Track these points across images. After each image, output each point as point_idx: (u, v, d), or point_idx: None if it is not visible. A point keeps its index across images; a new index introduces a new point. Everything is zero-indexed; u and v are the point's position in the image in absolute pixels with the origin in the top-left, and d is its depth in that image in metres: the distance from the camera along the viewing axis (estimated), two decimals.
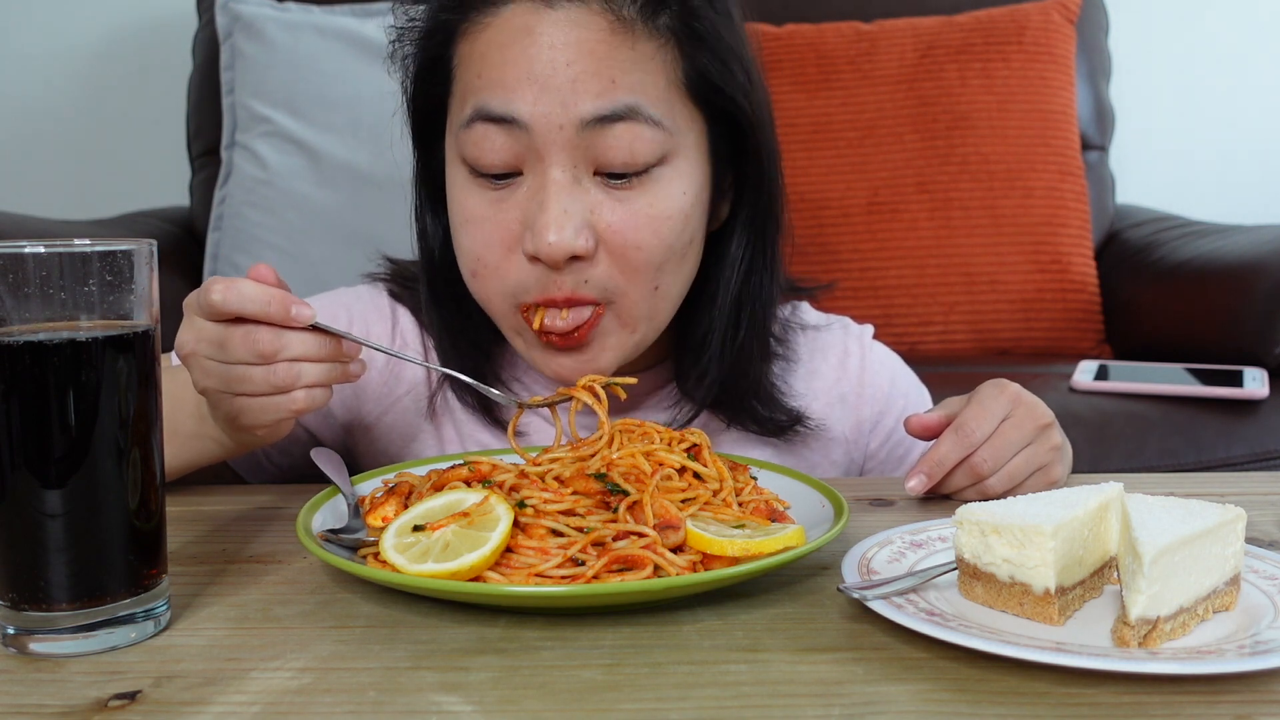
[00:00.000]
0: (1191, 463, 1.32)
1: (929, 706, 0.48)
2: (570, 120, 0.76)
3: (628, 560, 0.59)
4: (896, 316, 1.74)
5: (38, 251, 0.53)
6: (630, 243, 0.78)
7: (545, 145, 0.76)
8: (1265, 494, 0.83)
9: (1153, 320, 1.68)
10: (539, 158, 0.77)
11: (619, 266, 0.79)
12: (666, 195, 0.79)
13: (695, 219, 0.82)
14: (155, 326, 0.57)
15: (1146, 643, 0.53)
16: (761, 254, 0.87)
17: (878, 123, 1.82)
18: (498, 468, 0.68)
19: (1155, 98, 2.17)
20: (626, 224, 0.78)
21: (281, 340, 0.67)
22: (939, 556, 0.64)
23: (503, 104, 0.76)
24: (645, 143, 0.77)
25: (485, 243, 0.80)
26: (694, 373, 0.88)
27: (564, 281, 0.78)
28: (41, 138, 2.17)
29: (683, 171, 0.80)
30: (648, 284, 0.81)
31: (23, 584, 0.54)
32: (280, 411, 0.69)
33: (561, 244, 0.76)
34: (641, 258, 0.79)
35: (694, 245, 0.84)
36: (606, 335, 0.82)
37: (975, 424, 0.80)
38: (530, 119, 0.76)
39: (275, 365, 0.67)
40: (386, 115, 0.93)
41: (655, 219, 0.79)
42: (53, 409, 0.53)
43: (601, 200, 0.78)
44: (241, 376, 0.68)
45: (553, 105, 0.75)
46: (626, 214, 0.78)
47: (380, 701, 0.49)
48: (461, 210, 0.81)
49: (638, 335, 0.83)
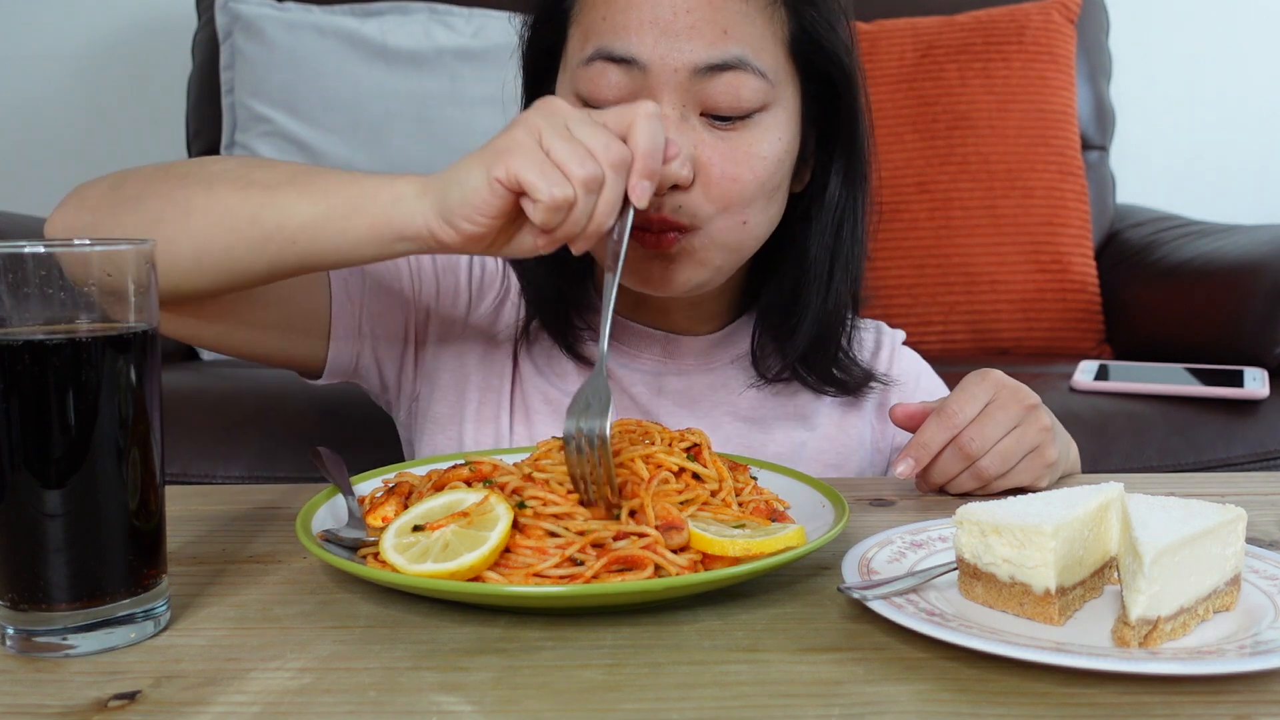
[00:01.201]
0: (1191, 463, 1.32)
1: (929, 706, 0.48)
2: (684, 64, 0.81)
3: (628, 560, 0.59)
4: (897, 316, 1.74)
5: (38, 251, 0.53)
6: (728, 174, 0.83)
7: (659, 85, 0.82)
8: (1265, 494, 0.83)
9: (1153, 320, 1.68)
10: (653, 96, 0.82)
11: (713, 197, 0.84)
12: (764, 138, 0.84)
13: (785, 166, 0.87)
14: (155, 326, 0.57)
15: (1147, 643, 0.53)
16: (852, 212, 0.92)
17: (878, 123, 1.79)
18: (498, 468, 0.68)
19: (1155, 98, 2.17)
20: (726, 158, 0.83)
21: (625, 157, 0.69)
22: (939, 556, 0.64)
23: (624, 45, 0.82)
24: (750, 91, 0.82)
25: None
26: (785, 327, 0.94)
27: (661, 202, 0.82)
28: (41, 138, 2.17)
29: (780, 120, 0.86)
30: (738, 216, 0.85)
31: (23, 584, 0.54)
32: (538, 245, 0.71)
33: (669, 172, 0.79)
34: (736, 190, 0.84)
35: (780, 191, 0.89)
36: (695, 251, 0.85)
37: (959, 406, 0.82)
38: (649, 60, 0.81)
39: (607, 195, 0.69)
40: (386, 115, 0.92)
41: (752, 156, 0.84)
42: (53, 409, 0.53)
43: (704, 138, 0.83)
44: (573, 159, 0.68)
45: (670, 49, 0.81)
46: (727, 150, 0.83)
47: (380, 701, 0.49)
48: None
49: (721, 259, 0.87)
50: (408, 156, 1.69)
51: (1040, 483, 0.83)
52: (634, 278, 0.87)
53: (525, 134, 0.70)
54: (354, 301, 0.93)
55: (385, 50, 1.74)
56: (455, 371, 0.96)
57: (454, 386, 0.96)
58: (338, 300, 0.92)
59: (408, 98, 1.71)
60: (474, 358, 0.97)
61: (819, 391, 0.98)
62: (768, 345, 0.96)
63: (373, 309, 0.94)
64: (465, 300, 0.98)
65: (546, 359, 0.97)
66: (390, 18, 1.78)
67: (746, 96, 0.83)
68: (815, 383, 0.97)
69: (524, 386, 0.96)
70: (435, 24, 1.78)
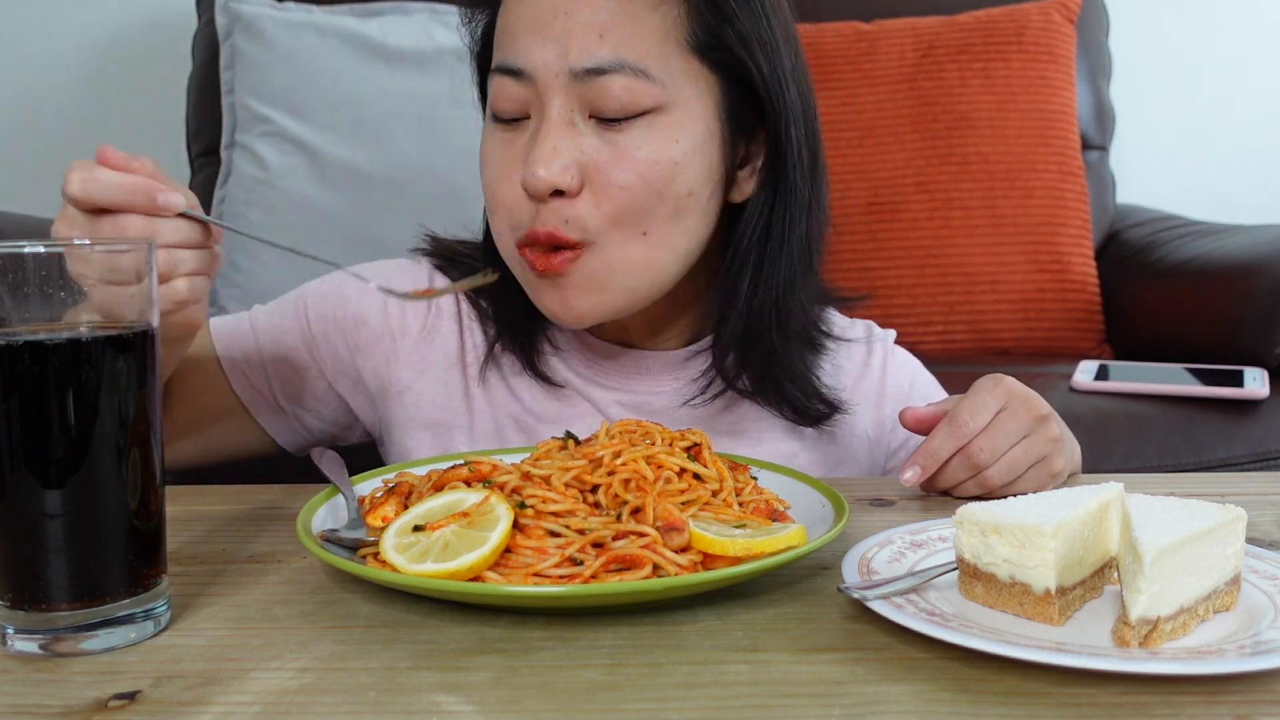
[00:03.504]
0: (1191, 463, 1.32)
1: (929, 706, 0.48)
2: (564, 69, 0.80)
3: (627, 560, 0.59)
4: (897, 316, 1.74)
5: (38, 251, 0.53)
6: (614, 181, 0.80)
7: (545, 90, 0.81)
8: (1265, 494, 0.83)
9: (1153, 320, 1.68)
10: (540, 102, 0.81)
11: (602, 207, 0.80)
12: (657, 141, 0.81)
13: (696, 171, 0.83)
14: (155, 326, 0.57)
15: (1147, 643, 0.53)
16: (781, 228, 0.86)
17: (878, 123, 1.82)
18: (498, 468, 0.68)
19: (1155, 98, 2.17)
20: (613, 164, 0.80)
21: (153, 228, 0.65)
22: (939, 556, 0.64)
23: (513, 57, 0.82)
24: (633, 94, 0.80)
25: (496, 179, 0.84)
26: (723, 338, 0.89)
27: (547, 217, 0.81)
28: (42, 138, 2.17)
29: (679, 122, 0.82)
30: (633, 228, 0.82)
31: (22, 584, 0.54)
32: (165, 303, 0.68)
33: (547, 177, 0.79)
34: (627, 198, 0.80)
35: (694, 200, 0.83)
36: (591, 275, 0.82)
37: (970, 415, 0.80)
38: (532, 68, 0.81)
39: None
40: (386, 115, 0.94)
41: (641, 161, 0.80)
42: (53, 409, 0.53)
43: (594, 142, 0.81)
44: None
45: (549, 55, 0.80)
46: (613, 153, 0.80)
47: (380, 701, 0.49)
48: (483, 153, 0.87)
49: (626, 282, 0.83)
50: (408, 156, 1.69)
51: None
52: (547, 312, 0.85)
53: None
54: (254, 383, 0.94)
55: (385, 50, 1.74)
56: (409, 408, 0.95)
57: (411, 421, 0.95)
58: (237, 385, 0.94)
59: (408, 98, 1.71)
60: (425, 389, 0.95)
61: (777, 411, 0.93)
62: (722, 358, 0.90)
63: (282, 381, 0.95)
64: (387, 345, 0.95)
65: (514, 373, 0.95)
66: (390, 18, 1.78)
67: (629, 101, 0.80)
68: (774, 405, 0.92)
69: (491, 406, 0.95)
70: (435, 24, 1.78)
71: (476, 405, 0.95)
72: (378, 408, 0.97)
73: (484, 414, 0.94)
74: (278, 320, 0.96)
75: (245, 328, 0.95)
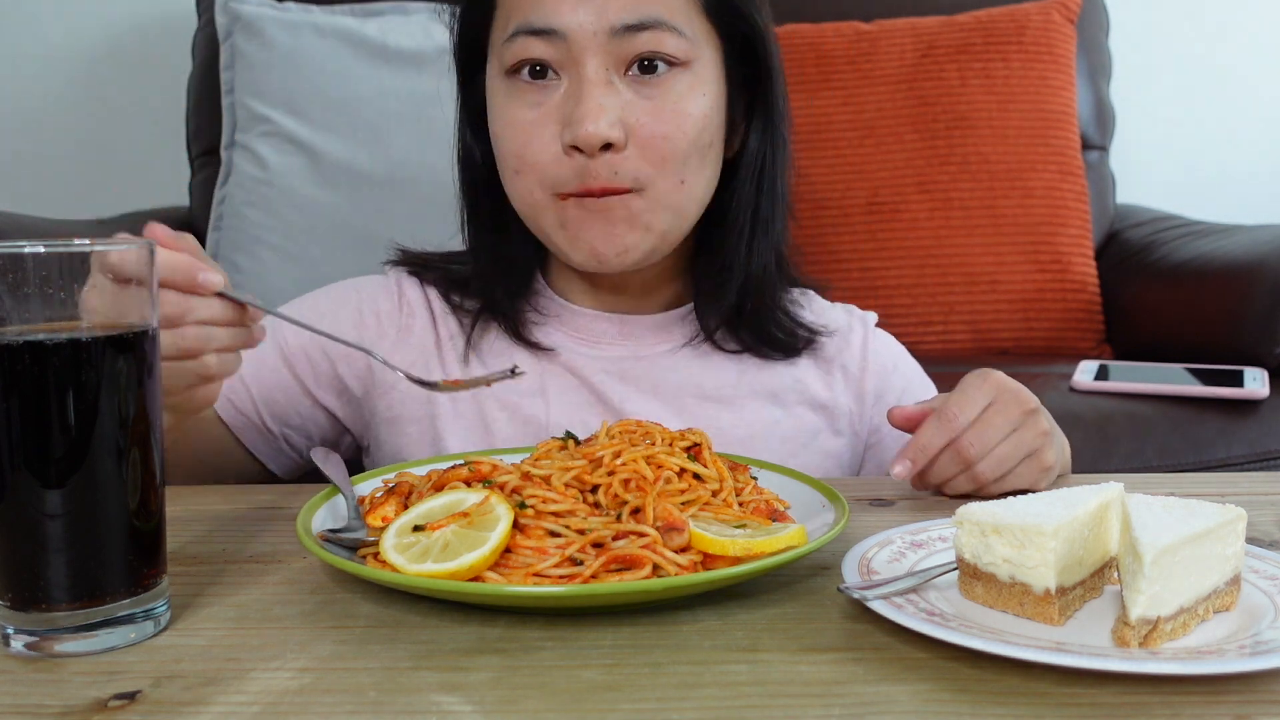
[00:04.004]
0: (1191, 463, 1.32)
1: (929, 706, 0.48)
2: (603, 27, 0.85)
3: (626, 560, 0.59)
4: (896, 316, 1.74)
5: (38, 251, 0.53)
6: (658, 133, 0.86)
7: (581, 51, 0.85)
8: (1265, 494, 0.83)
9: (1153, 320, 1.68)
10: (575, 62, 0.85)
11: (648, 157, 0.87)
12: (689, 95, 0.88)
13: (714, 124, 0.90)
14: (155, 326, 0.57)
15: (1147, 643, 0.53)
16: (772, 169, 0.95)
17: (878, 123, 1.82)
18: (498, 468, 0.68)
19: (1155, 98, 2.17)
20: (654, 117, 0.86)
21: (187, 304, 0.66)
22: (939, 556, 0.64)
23: (542, 17, 0.85)
24: (670, 47, 0.86)
25: (526, 141, 0.87)
26: (716, 291, 0.95)
27: (599, 170, 0.86)
28: (41, 138, 2.17)
29: (702, 78, 0.89)
30: (675, 175, 0.88)
31: (22, 584, 0.54)
32: (191, 377, 0.69)
33: (598, 132, 0.84)
34: (668, 148, 0.87)
35: (713, 151, 0.91)
36: (638, 214, 0.88)
37: (958, 409, 0.81)
38: (567, 27, 0.85)
39: (183, 330, 0.67)
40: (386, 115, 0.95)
41: (679, 114, 0.87)
42: (53, 409, 0.53)
43: (631, 99, 0.86)
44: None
45: (587, 15, 0.85)
46: (654, 108, 0.87)
47: (380, 701, 0.49)
48: (504, 117, 0.89)
49: (665, 223, 0.90)
50: (407, 156, 1.69)
51: (1038, 486, 0.82)
52: (584, 254, 0.89)
53: None
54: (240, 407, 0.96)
55: (385, 50, 1.74)
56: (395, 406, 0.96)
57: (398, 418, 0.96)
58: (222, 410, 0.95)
59: (408, 98, 1.71)
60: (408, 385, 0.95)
61: (761, 356, 0.98)
62: (707, 312, 0.97)
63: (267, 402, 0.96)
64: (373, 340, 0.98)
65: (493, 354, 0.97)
66: (390, 18, 1.78)
67: (667, 53, 0.86)
68: (755, 345, 0.98)
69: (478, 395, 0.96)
70: (435, 24, 1.77)
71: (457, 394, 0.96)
72: (364, 409, 0.98)
73: (465, 397, 0.96)
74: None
75: None
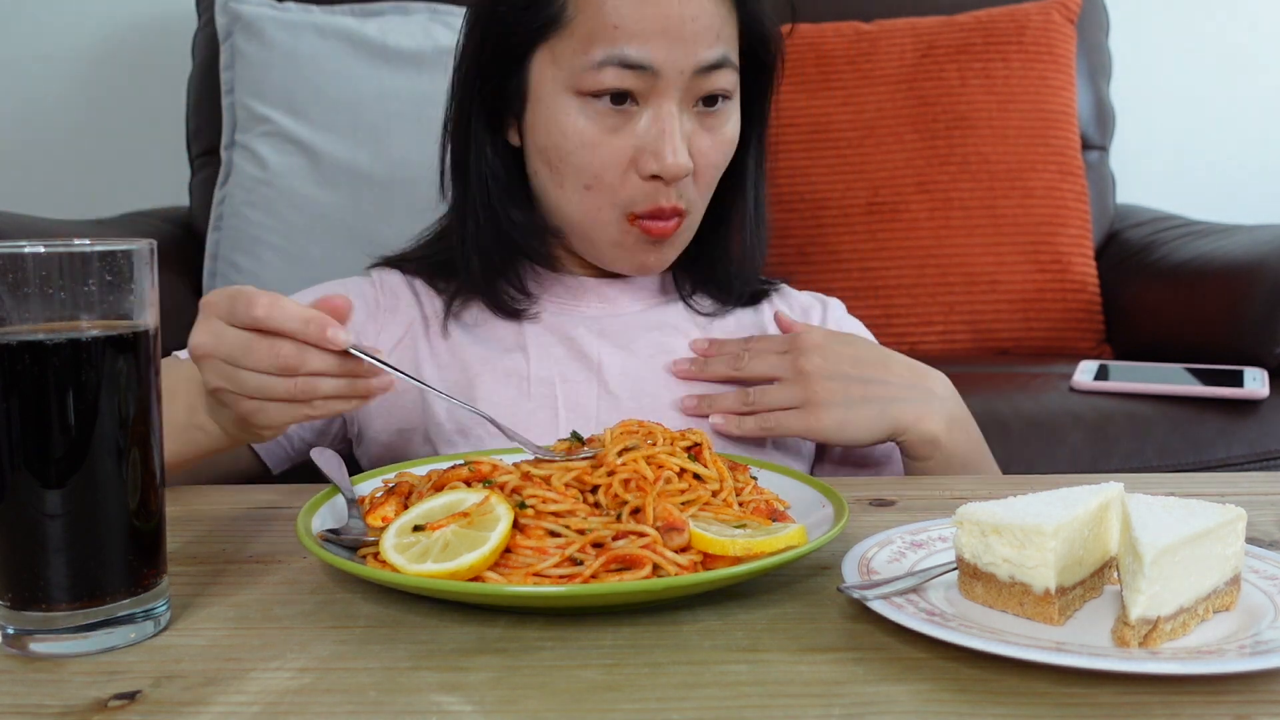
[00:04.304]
0: (1191, 463, 1.32)
1: (929, 706, 0.48)
2: (690, 66, 0.91)
3: (626, 560, 0.59)
4: (896, 316, 1.74)
5: (38, 251, 0.53)
6: (713, 163, 0.96)
7: (667, 85, 0.91)
8: (1265, 494, 0.83)
9: (1153, 320, 1.68)
10: (660, 95, 0.91)
11: (699, 183, 0.95)
12: (732, 120, 0.97)
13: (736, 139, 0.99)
14: (155, 326, 0.57)
15: (1147, 643, 0.53)
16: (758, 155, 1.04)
17: (878, 123, 1.81)
18: (498, 468, 0.68)
19: (1155, 98, 2.16)
20: (713, 149, 0.95)
21: (304, 355, 0.68)
22: (939, 556, 0.64)
23: (639, 53, 0.90)
24: (729, 83, 0.94)
25: (604, 163, 0.92)
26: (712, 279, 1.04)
27: (672, 194, 0.93)
28: (41, 138, 2.17)
29: (737, 104, 0.98)
30: (708, 196, 0.98)
31: (22, 584, 0.54)
32: (295, 417, 0.71)
33: (683, 165, 0.91)
34: (714, 174, 0.97)
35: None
36: (676, 236, 0.97)
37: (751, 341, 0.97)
38: (661, 65, 0.90)
39: (296, 380, 0.69)
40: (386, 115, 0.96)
41: (726, 144, 0.96)
42: (53, 409, 0.53)
43: (694, 130, 0.94)
44: (261, 385, 0.69)
45: (680, 55, 0.90)
46: (712, 141, 0.95)
47: (380, 701, 0.49)
48: (577, 134, 0.93)
49: (688, 239, 1.00)
50: (408, 156, 1.69)
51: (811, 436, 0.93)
52: (630, 264, 0.98)
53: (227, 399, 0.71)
54: None
55: (385, 50, 1.74)
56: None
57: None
58: None
59: (408, 98, 1.71)
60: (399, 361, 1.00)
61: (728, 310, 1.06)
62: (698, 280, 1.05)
63: None
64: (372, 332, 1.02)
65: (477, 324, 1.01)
66: (390, 18, 1.78)
67: (728, 88, 0.94)
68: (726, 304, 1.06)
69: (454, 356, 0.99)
70: (435, 24, 1.77)
71: (441, 360, 0.99)
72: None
73: (449, 366, 0.99)
74: None
75: None
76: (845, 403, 0.91)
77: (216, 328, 0.70)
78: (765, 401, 0.93)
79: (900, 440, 0.92)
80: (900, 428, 0.91)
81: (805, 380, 0.92)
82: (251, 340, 0.68)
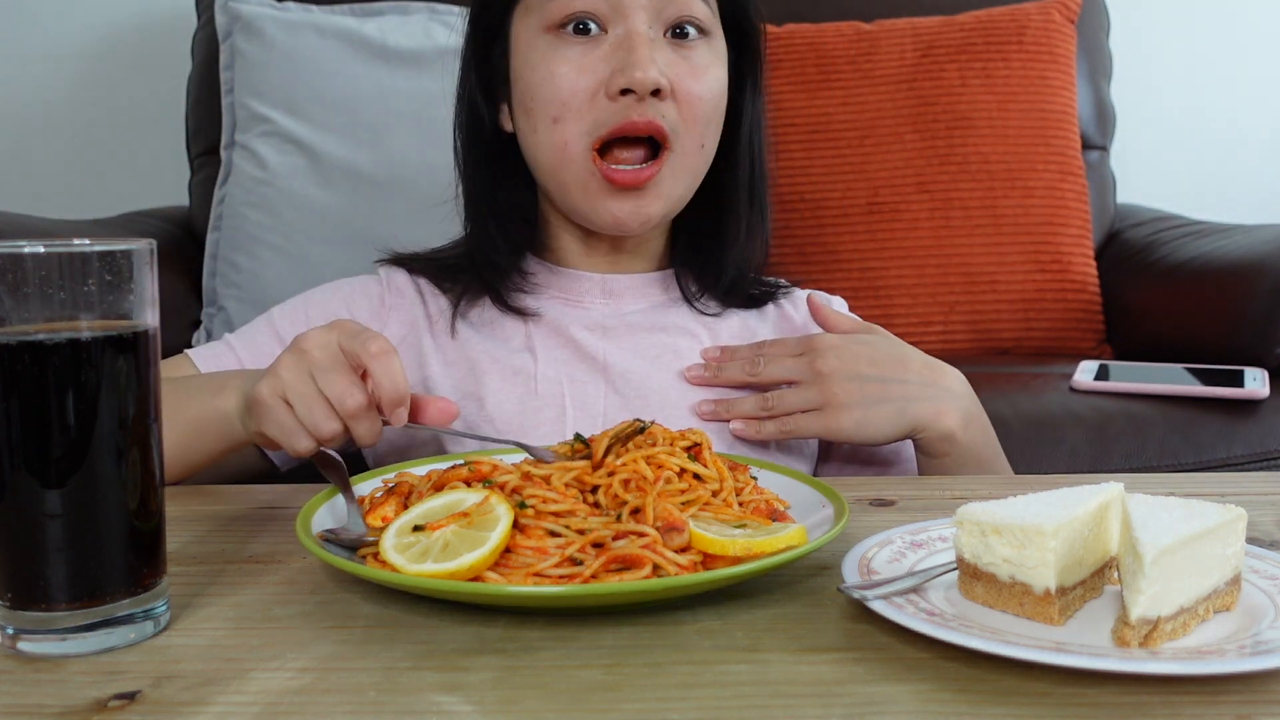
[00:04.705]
0: (1191, 463, 1.32)
1: (929, 706, 0.48)
2: None
3: (626, 560, 0.59)
4: (897, 316, 1.74)
5: (37, 251, 0.53)
6: (694, 91, 0.94)
7: (630, 7, 0.91)
8: (1265, 494, 0.83)
9: (1153, 320, 1.68)
10: (624, 17, 0.92)
11: (682, 112, 0.93)
12: (714, 62, 0.96)
13: (724, 99, 0.98)
14: (155, 327, 0.57)
15: (1147, 643, 0.53)
16: (760, 153, 1.04)
17: (878, 123, 1.81)
18: (498, 468, 0.68)
19: (1155, 98, 2.16)
20: (690, 74, 0.93)
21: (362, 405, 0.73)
22: (939, 556, 0.64)
23: None
24: (699, 13, 0.94)
25: (571, 88, 0.92)
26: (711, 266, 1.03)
27: (646, 109, 0.91)
28: (41, 138, 2.17)
29: (718, 51, 0.97)
30: (698, 137, 0.95)
31: (22, 584, 0.54)
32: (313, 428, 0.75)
33: (651, 77, 0.90)
34: (700, 107, 0.94)
35: (720, 125, 0.98)
36: (661, 182, 0.94)
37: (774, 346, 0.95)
38: None
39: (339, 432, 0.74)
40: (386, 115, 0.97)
41: (708, 77, 0.95)
42: (52, 409, 0.53)
43: (670, 57, 0.93)
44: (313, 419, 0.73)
45: None
46: (690, 68, 0.94)
47: (380, 701, 0.49)
48: (546, 66, 0.93)
49: (681, 188, 0.97)
50: (407, 156, 1.69)
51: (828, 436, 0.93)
52: (603, 216, 0.95)
53: (270, 392, 0.75)
54: None
55: (385, 50, 1.74)
56: None
57: None
58: None
59: (408, 98, 1.71)
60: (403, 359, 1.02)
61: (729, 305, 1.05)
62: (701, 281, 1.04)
63: None
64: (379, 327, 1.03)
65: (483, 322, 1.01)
66: (390, 18, 1.78)
67: (698, 18, 0.94)
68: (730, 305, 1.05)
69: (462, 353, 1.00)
70: (435, 24, 1.77)
71: (449, 358, 1.00)
72: None
73: (456, 363, 0.99)
74: (251, 340, 1.00)
75: (224, 348, 0.99)
76: (863, 403, 0.90)
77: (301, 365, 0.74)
78: (784, 405, 0.93)
79: (917, 438, 0.92)
80: (918, 425, 0.90)
81: (822, 382, 0.91)
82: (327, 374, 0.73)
